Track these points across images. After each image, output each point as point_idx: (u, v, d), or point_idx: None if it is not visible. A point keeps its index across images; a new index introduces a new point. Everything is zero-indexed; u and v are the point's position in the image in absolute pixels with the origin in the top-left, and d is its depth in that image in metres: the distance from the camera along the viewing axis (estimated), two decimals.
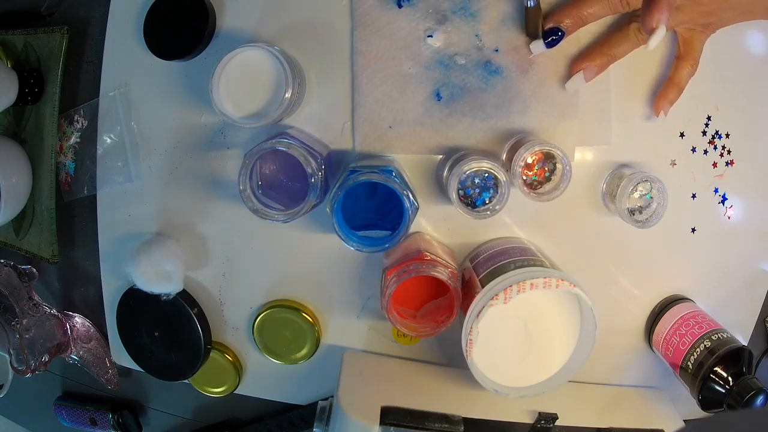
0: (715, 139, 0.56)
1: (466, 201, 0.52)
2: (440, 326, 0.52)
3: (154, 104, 0.60)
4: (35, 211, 0.66)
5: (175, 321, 0.64)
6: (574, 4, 0.50)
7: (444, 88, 0.55)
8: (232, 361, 0.66)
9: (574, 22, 0.50)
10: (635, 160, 0.56)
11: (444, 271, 0.50)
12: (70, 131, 0.64)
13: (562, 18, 0.50)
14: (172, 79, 0.59)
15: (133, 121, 0.61)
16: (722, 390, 0.51)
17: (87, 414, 0.75)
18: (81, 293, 0.70)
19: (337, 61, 0.56)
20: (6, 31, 0.64)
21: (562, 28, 0.50)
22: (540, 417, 0.53)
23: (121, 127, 0.61)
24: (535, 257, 0.52)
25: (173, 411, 0.74)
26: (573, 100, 0.54)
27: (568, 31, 0.51)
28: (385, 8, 0.54)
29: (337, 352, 0.63)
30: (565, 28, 0.50)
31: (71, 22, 0.62)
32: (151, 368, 0.67)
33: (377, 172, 0.49)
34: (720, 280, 0.60)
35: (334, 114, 0.57)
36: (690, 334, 0.55)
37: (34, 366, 0.64)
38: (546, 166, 0.52)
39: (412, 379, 0.60)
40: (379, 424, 0.50)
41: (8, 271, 0.66)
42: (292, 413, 0.68)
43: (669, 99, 0.52)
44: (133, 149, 0.61)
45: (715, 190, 0.57)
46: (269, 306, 0.63)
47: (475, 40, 0.54)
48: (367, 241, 0.51)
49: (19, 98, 0.62)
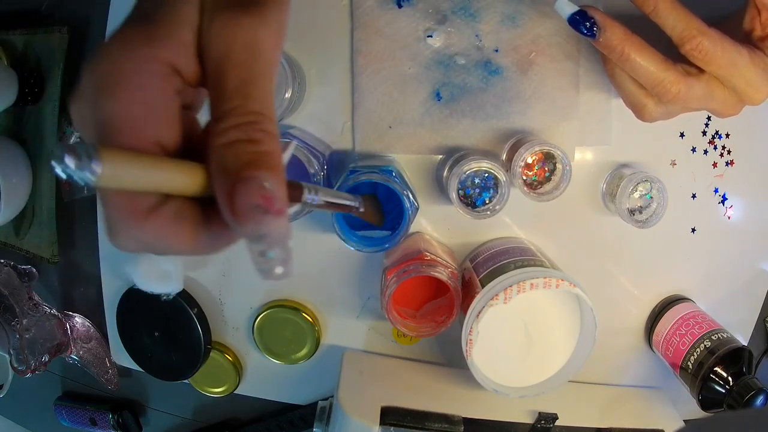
0: (715, 139, 0.56)
1: (466, 201, 0.52)
2: (440, 326, 0.52)
3: None
4: (35, 211, 0.66)
5: (175, 321, 0.64)
6: (627, 35, 0.40)
7: (444, 88, 0.55)
8: (232, 361, 0.66)
9: (611, 45, 0.40)
10: (635, 160, 0.56)
11: (444, 271, 0.50)
12: (70, 131, 0.64)
13: (611, 33, 0.40)
14: None
15: None
16: (722, 390, 0.51)
17: (87, 414, 0.75)
18: (81, 293, 0.70)
19: (337, 61, 0.56)
20: (6, 31, 0.64)
21: (599, 26, 0.40)
22: (540, 417, 0.53)
23: None
24: (535, 257, 0.52)
25: (173, 411, 0.74)
26: (573, 100, 0.54)
27: (598, 41, 0.40)
28: (385, 8, 0.54)
29: (337, 352, 0.63)
30: (601, 32, 0.40)
31: (71, 22, 0.62)
32: (151, 368, 0.67)
33: (377, 172, 0.49)
34: (720, 280, 0.60)
35: (334, 114, 0.57)
36: (690, 334, 0.55)
37: (34, 366, 0.64)
38: (546, 166, 0.52)
39: (412, 379, 0.60)
40: (379, 424, 0.50)
41: (8, 271, 0.66)
42: (292, 413, 0.68)
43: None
44: None
45: (715, 190, 0.57)
46: (269, 306, 0.63)
47: (475, 40, 0.54)
48: (367, 241, 0.51)
49: (19, 98, 0.62)
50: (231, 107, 0.25)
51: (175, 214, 0.25)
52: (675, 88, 0.40)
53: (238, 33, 0.26)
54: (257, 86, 0.26)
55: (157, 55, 0.25)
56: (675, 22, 0.38)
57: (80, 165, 0.20)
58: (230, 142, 0.25)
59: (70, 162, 0.20)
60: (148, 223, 0.25)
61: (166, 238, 0.26)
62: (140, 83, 0.25)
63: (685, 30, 0.38)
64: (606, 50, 0.41)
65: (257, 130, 0.25)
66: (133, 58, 0.25)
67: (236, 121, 0.25)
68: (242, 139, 0.25)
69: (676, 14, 0.38)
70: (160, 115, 0.26)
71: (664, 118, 0.44)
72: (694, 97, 0.40)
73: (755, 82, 0.40)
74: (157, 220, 0.25)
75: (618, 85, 0.44)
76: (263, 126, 0.25)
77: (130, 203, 0.24)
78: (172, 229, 0.25)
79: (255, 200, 0.23)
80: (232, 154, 0.25)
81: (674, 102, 0.41)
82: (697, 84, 0.40)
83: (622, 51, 0.40)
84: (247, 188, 0.24)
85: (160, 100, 0.26)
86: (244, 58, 0.26)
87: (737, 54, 0.39)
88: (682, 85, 0.40)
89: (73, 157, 0.20)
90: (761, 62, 0.39)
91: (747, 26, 0.41)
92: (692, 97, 0.40)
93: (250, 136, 0.25)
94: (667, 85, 0.40)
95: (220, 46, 0.26)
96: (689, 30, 0.38)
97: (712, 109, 0.42)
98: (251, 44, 0.26)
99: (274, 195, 0.24)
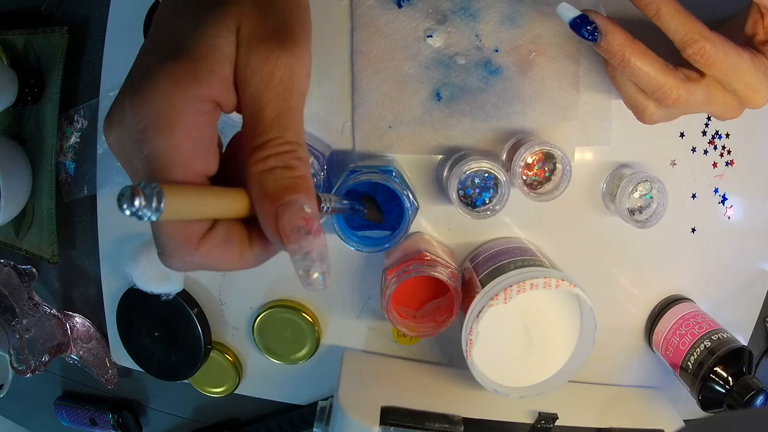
0: (715, 139, 0.56)
1: (466, 201, 0.52)
2: (440, 326, 0.52)
3: None
4: (35, 211, 0.66)
5: (175, 321, 0.64)
6: (628, 40, 0.40)
7: (444, 88, 0.55)
8: (232, 361, 0.66)
9: (613, 50, 0.40)
10: (635, 160, 0.56)
11: (444, 271, 0.50)
12: (70, 131, 0.64)
13: (612, 37, 0.40)
14: None
15: None
16: (722, 390, 0.51)
17: (87, 414, 0.75)
18: (81, 293, 0.70)
19: (337, 61, 0.56)
20: (6, 31, 0.64)
21: (600, 31, 0.40)
22: (540, 417, 0.53)
23: None
24: (535, 257, 0.52)
25: (173, 411, 0.74)
26: (573, 100, 0.54)
27: (599, 45, 0.40)
28: (385, 8, 0.54)
29: (337, 352, 0.63)
30: (602, 37, 0.40)
31: (71, 22, 0.62)
32: (151, 368, 0.67)
33: (377, 172, 0.49)
34: (720, 280, 0.60)
35: (334, 114, 0.57)
36: (690, 334, 0.55)
37: (34, 366, 0.64)
38: (546, 166, 0.52)
39: (412, 379, 0.60)
40: (379, 424, 0.50)
41: (8, 271, 0.66)
42: (292, 413, 0.68)
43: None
44: None
45: (715, 190, 0.57)
46: (269, 306, 0.63)
47: (475, 40, 0.54)
48: (367, 241, 0.51)
49: (19, 98, 0.62)
50: (269, 138, 0.28)
51: (224, 238, 0.28)
52: (675, 93, 0.40)
53: (276, 70, 0.28)
54: (292, 118, 0.29)
55: (206, 94, 0.27)
56: (677, 26, 0.38)
57: (147, 205, 0.23)
58: (269, 168, 0.28)
59: (137, 203, 0.22)
60: (201, 250, 0.27)
61: (218, 260, 0.28)
62: (192, 122, 0.27)
63: (688, 34, 0.38)
64: (607, 55, 0.41)
65: (293, 158, 0.28)
66: (184, 98, 0.27)
67: (275, 151, 0.28)
68: (280, 166, 0.28)
69: (679, 18, 0.38)
70: (206, 149, 0.28)
71: (665, 120, 0.44)
72: (695, 102, 0.41)
73: (756, 86, 0.40)
74: (209, 244, 0.28)
75: (619, 86, 0.44)
76: (298, 154, 0.28)
77: (185, 232, 0.27)
78: (222, 252, 0.28)
79: (297, 222, 0.27)
80: (272, 179, 0.27)
81: (674, 107, 0.41)
82: (697, 89, 0.40)
83: (622, 56, 0.40)
84: (289, 212, 0.27)
85: (207, 135, 0.28)
86: (281, 92, 0.28)
87: (739, 58, 0.39)
88: (683, 90, 0.40)
89: (141, 198, 0.22)
90: (762, 66, 0.39)
91: (749, 31, 0.41)
92: (692, 102, 0.40)
93: (287, 163, 0.28)
94: (667, 91, 0.40)
95: (258, 81, 0.28)
96: (691, 34, 0.38)
97: (713, 113, 0.43)
98: (287, 79, 0.28)
99: (312, 217, 0.27)
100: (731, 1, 0.47)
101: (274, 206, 0.27)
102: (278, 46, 0.28)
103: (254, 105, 0.28)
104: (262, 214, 0.28)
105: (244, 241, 0.29)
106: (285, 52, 0.28)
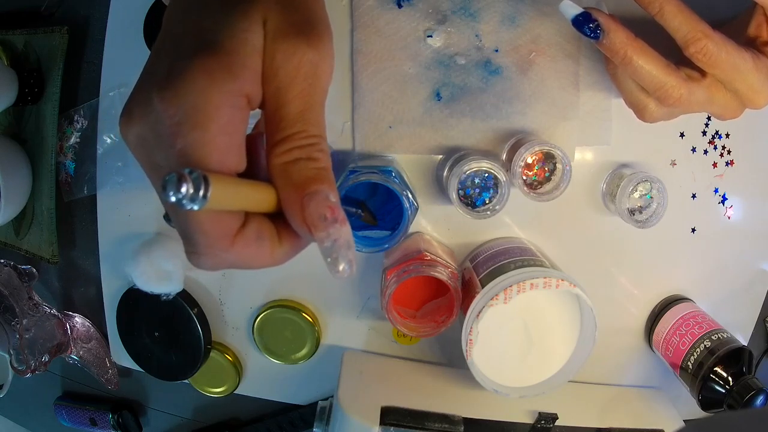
0: (715, 139, 0.56)
1: (466, 201, 0.52)
2: (440, 326, 0.52)
3: None
4: (35, 211, 0.66)
5: (175, 321, 0.64)
6: (631, 38, 0.39)
7: (444, 88, 0.55)
8: (232, 361, 0.66)
9: (615, 48, 0.40)
10: (635, 160, 0.56)
11: (444, 271, 0.50)
12: (70, 131, 0.64)
13: (615, 35, 0.39)
14: None
15: None
16: (722, 390, 0.51)
17: (87, 414, 0.75)
18: (81, 293, 0.70)
19: (337, 61, 0.55)
20: (6, 31, 0.64)
21: (602, 28, 0.39)
22: (540, 417, 0.53)
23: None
24: (535, 257, 0.52)
25: (173, 411, 0.74)
26: (573, 100, 0.54)
27: (601, 43, 0.40)
28: (385, 8, 0.54)
29: (337, 352, 0.63)
30: (604, 35, 0.39)
31: (71, 22, 0.62)
32: (151, 368, 0.67)
33: (377, 172, 0.49)
34: (720, 280, 0.60)
35: (334, 114, 0.57)
36: (690, 334, 0.55)
37: (34, 366, 0.64)
38: (546, 166, 0.52)
39: (412, 379, 0.60)
40: (379, 424, 0.50)
41: (8, 271, 0.66)
42: (292, 413, 0.68)
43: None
44: None
45: (715, 190, 0.57)
46: (269, 306, 0.63)
47: (475, 40, 0.54)
48: (367, 241, 0.51)
49: (19, 98, 0.62)
50: (294, 132, 0.29)
51: (256, 234, 0.29)
52: (676, 92, 0.40)
53: (301, 66, 0.29)
54: (315, 113, 0.29)
55: (241, 89, 0.27)
56: (680, 24, 0.38)
57: (194, 192, 0.23)
58: (294, 160, 0.28)
59: (184, 189, 0.22)
60: (235, 247, 0.28)
61: (251, 257, 0.29)
62: (228, 117, 0.27)
63: (690, 32, 0.38)
64: (609, 53, 0.40)
65: (317, 150, 0.29)
66: (219, 93, 0.27)
67: (299, 144, 0.29)
68: (304, 158, 0.28)
69: (682, 16, 0.38)
70: (238, 143, 0.28)
71: (666, 119, 0.44)
72: (696, 102, 0.41)
73: (757, 87, 0.40)
74: (243, 241, 0.28)
75: (619, 84, 0.44)
76: (321, 146, 0.29)
77: (222, 228, 0.27)
78: (255, 249, 0.29)
79: (323, 211, 0.27)
80: (297, 170, 0.28)
81: (675, 106, 0.41)
82: (698, 89, 0.40)
83: (624, 54, 0.40)
84: (315, 201, 0.27)
85: (241, 131, 0.28)
86: (305, 87, 0.29)
87: (741, 58, 0.39)
88: (684, 89, 0.40)
89: (189, 184, 0.22)
90: (764, 67, 0.39)
91: (752, 32, 0.41)
92: (693, 101, 0.40)
93: (310, 155, 0.29)
94: (668, 90, 0.40)
95: (283, 76, 0.28)
96: (694, 32, 0.38)
97: (714, 113, 0.43)
98: (312, 75, 0.29)
99: (337, 206, 0.28)
100: (732, 2, 0.47)
101: (299, 196, 0.28)
102: (304, 42, 0.29)
103: (278, 100, 0.29)
104: (288, 205, 0.28)
105: (274, 237, 0.30)
106: (311, 48, 0.29)
